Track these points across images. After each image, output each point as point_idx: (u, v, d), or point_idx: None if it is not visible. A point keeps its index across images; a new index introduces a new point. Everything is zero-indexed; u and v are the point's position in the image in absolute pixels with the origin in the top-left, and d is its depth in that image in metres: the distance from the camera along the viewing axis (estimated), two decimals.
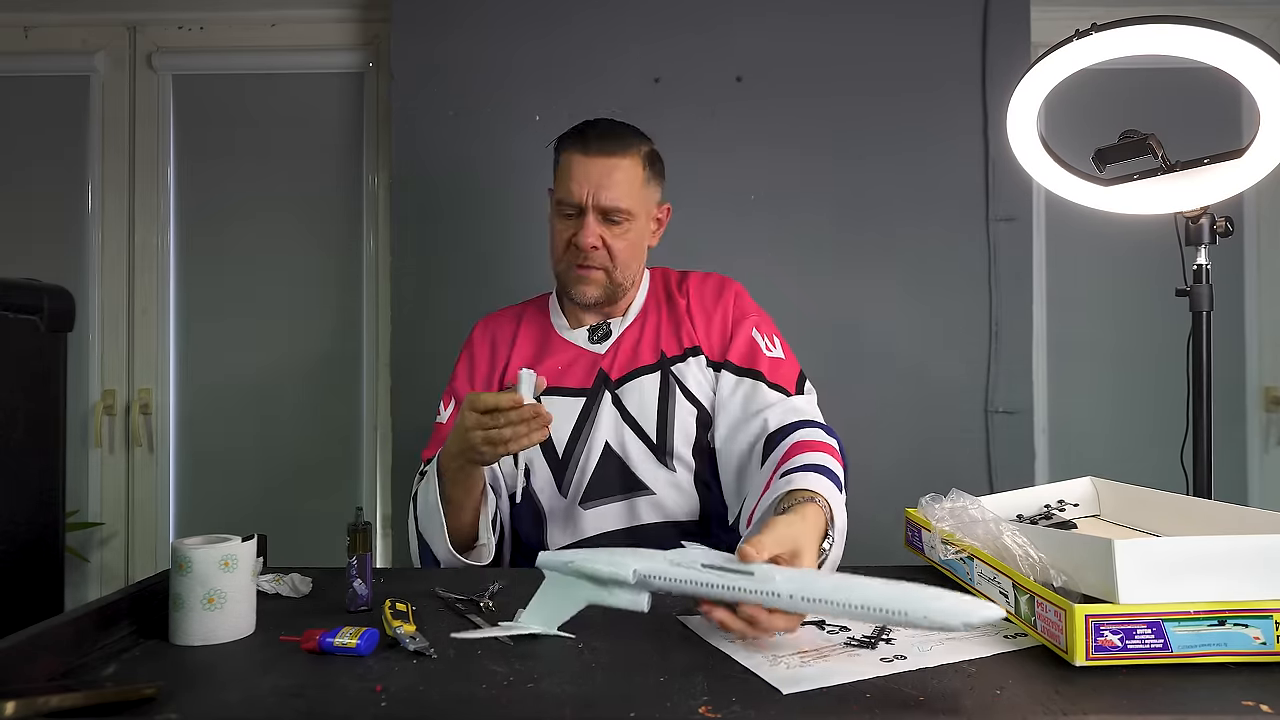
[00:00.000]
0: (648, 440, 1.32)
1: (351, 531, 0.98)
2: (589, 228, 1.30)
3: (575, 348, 1.39)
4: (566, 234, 1.33)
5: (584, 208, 1.30)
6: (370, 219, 2.30)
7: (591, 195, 1.29)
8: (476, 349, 1.44)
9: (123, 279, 2.32)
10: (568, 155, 1.32)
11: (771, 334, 1.38)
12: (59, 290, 1.18)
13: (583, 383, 1.35)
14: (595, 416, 1.33)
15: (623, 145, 1.31)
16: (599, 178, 1.29)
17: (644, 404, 1.33)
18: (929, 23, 2.09)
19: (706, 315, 1.39)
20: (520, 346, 1.41)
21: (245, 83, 2.32)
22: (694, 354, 1.36)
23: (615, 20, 2.09)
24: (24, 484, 1.12)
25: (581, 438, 1.33)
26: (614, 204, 1.30)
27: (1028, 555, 0.88)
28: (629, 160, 1.31)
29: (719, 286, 1.43)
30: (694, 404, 1.34)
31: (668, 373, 1.35)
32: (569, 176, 1.31)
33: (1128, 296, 2.24)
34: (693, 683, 0.75)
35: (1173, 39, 1.15)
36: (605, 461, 1.31)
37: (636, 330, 1.40)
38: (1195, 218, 1.31)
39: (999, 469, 2.05)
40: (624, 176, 1.30)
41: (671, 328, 1.39)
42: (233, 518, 2.23)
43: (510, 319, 1.46)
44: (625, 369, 1.36)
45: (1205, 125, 2.11)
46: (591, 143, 1.30)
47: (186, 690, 0.75)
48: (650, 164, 1.36)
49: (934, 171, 2.08)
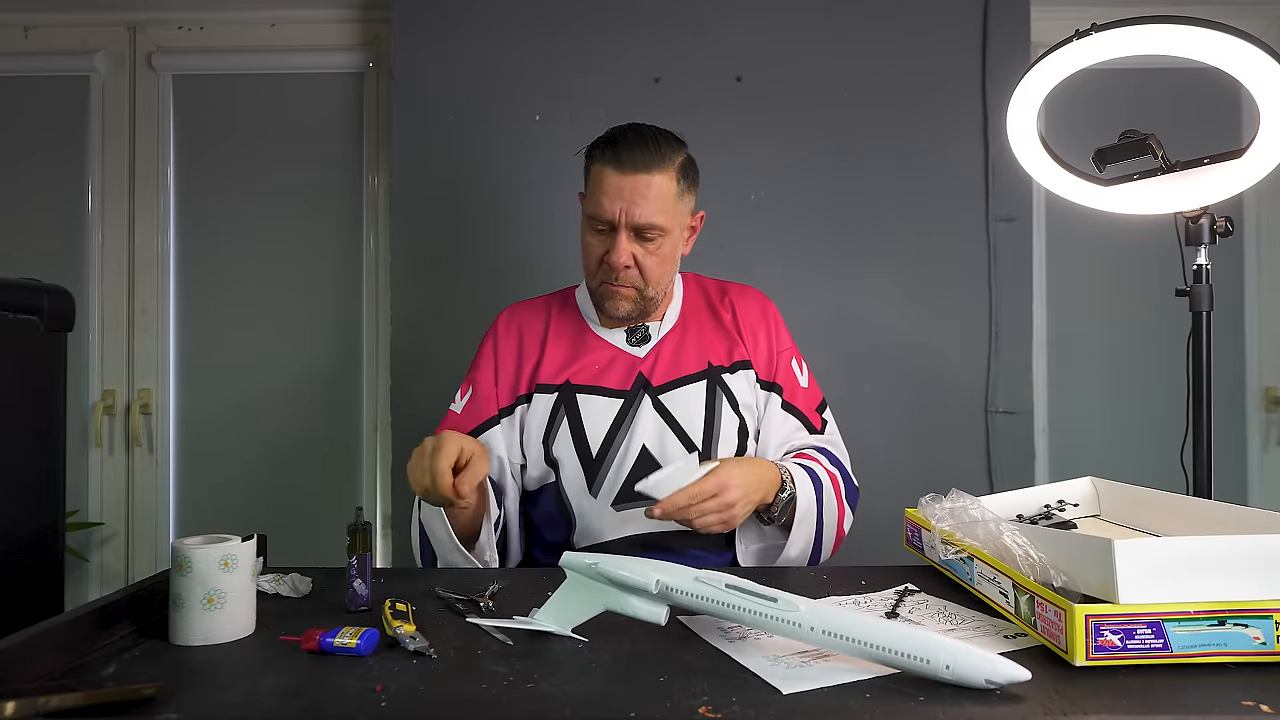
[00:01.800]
0: (692, 446, 1.32)
1: (351, 531, 0.98)
2: (620, 247, 1.27)
3: (613, 348, 1.38)
4: (598, 250, 1.30)
5: (616, 225, 1.26)
6: (370, 219, 2.30)
7: (624, 213, 1.26)
8: (502, 340, 1.41)
9: (123, 279, 2.32)
10: (600, 169, 1.28)
11: (800, 360, 1.45)
12: (59, 290, 1.18)
13: (621, 384, 1.34)
14: (634, 419, 1.32)
15: (658, 160, 1.26)
16: (632, 195, 1.25)
17: (690, 410, 1.33)
18: (929, 22, 2.09)
19: (754, 334, 1.41)
20: (554, 343, 1.39)
21: (245, 83, 2.32)
22: (744, 367, 1.38)
23: (615, 20, 2.09)
24: (24, 484, 1.12)
25: (618, 439, 1.32)
26: (647, 221, 1.26)
27: (1028, 555, 0.88)
28: (663, 176, 1.27)
29: (761, 306, 1.45)
30: (738, 415, 1.35)
31: (716, 382, 1.35)
32: (601, 191, 1.27)
33: (1128, 296, 2.24)
34: (693, 683, 0.75)
35: (1173, 39, 1.15)
36: (641, 465, 1.30)
37: (677, 336, 1.39)
38: (1195, 218, 1.31)
39: (999, 469, 2.06)
40: (657, 193, 1.26)
41: (720, 339, 1.39)
42: (233, 518, 2.23)
43: (539, 311, 1.43)
44: (668, 375, 1.35)
45: (1205, 125, 2.11)
46: (624, 157, 1.25)
47: (186, 690, 0.75)
48: (684, 175, 1.31)
49: (934, 171, 2.08)
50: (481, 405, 1.36)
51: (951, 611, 0.95)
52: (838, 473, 1.35)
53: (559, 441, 1.32)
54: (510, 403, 1.36)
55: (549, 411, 1.33)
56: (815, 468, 1.32)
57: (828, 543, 1.31)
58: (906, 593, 1.03)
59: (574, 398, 1.33)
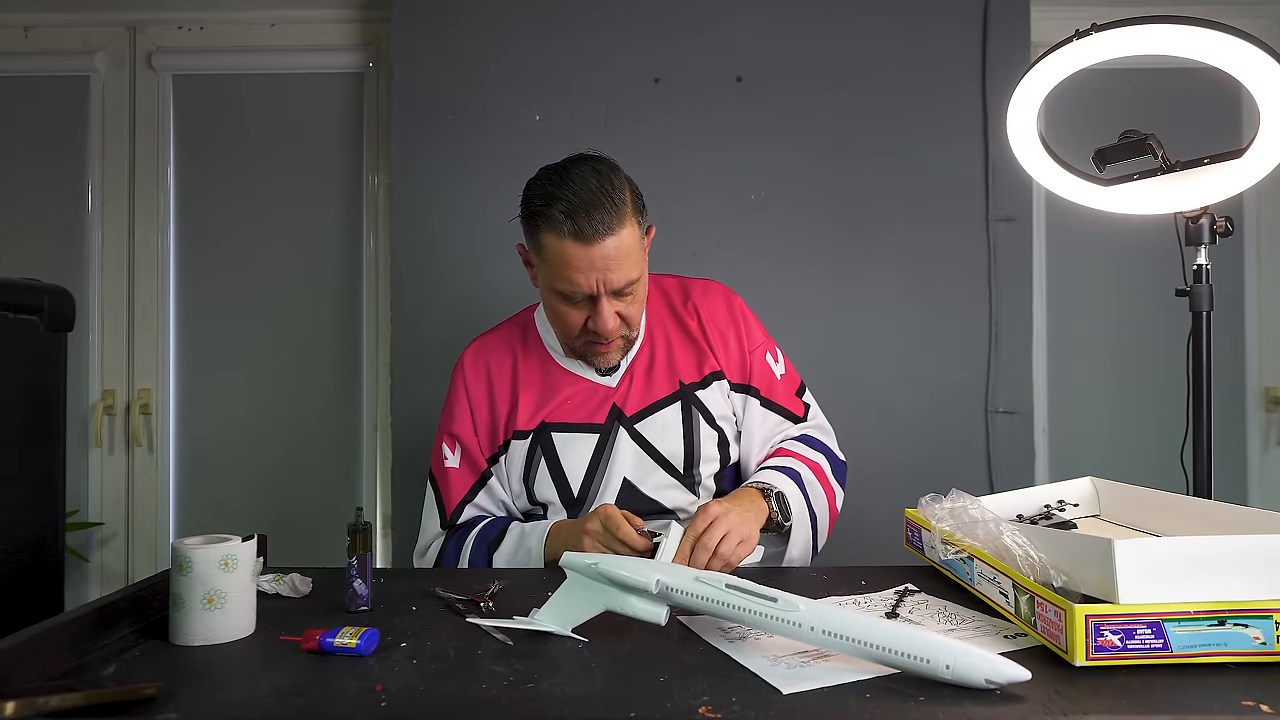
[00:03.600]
0: (674, 471, 1.31)
1: (351, 531, 0.98)
2: (604, 314, 1.20)
3: (583, 381, 1.34)
4: (576, 318, 1.23)
5: (596, 296, 1.20)
6: (370, 219, 2.30)
7: (602, 283, 1.18)
8: (472, 387, 1.36)
9: (123, 279, 2.32)
10: (558, 243, 1.17)
11: (774, 350, 1.41)
12: (59, 290, 1.17)
13: (593, 417, 1.32)
14: (611, 453, 1.30)
15: (617, 214, 1.17)
16: (604, 264, 1.17)
17: (667, 435, 1.31)
18: (929, 22, 2.09)
19: (722, 337, 1.37)
20: (524, 387, 1.34)
21: (245, 83, 2.32)
22: (716, 378, 1.35)
23: (615, 20, 2.09)
24: (24, 484, 1.12)
25: (598, 475, 1.30)
26: (625, 281, 1.20)
27: (1028, 555, 0.88)
28: (626, 228, 1.18)
29: (726, 303, 1.40)
30: (715, 428, 1.34)
31: (690, 401, 1.33)
32: (569, 268, 1.18)
33: (1128, 296, 2.24)
34: (693, 683, 0.75)
35: (1173, 39, 1.15)
36: (624, 496, 1.30)
37: (646, 358, 1.35)
38: (1195, 218, 1.30)
39: (999, 469, 2.05)
40: (627, 250, 1.18)
41: (688, 353, 1.36)
42: (233, 518, 2.23)
43: (503, 349, 1.38)
44: (642, 402, 1.32)
45: (1205, 125, 2.11)
46: (584, 227, 1.15)
47: (186, 690, 0.75)
48: (637, 207, 1.22)
49: (934, 171, 2.08)
50: (474, 459, 1.35)
51: (951, 611, 0.95)
52: (820, 457, 1.35)
53: (539, 482, 1.31)
54: (493, 452, 1.35)
55: (525, 455, 1.32)
56: (791, 464, 1.32)
57: (823, 531, 1.32)
58: (906, 593, 1.03)
59: (550, 438, 1.31)
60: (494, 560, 1.27)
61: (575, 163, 1.22)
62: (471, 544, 1.29)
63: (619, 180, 1.21)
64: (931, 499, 1.10)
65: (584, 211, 1.15)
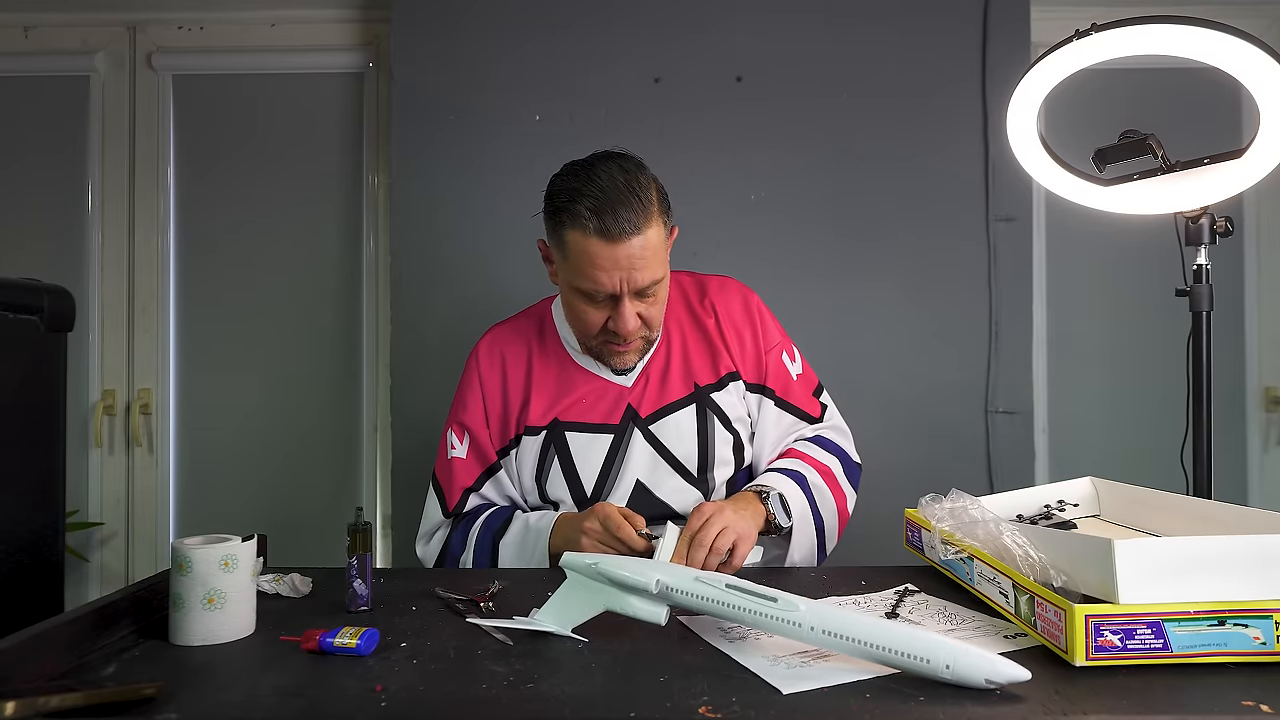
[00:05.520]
0: (687, 474, 1.30)
1: (351, 531, 0.98)
2: (627, 314, 1.19)
3: (599, 380, 1.33)
4: (597, 317, 1.22)
5: (619, 295, 1.18)
6: (370, 219, 2.30)
7: (625, 282, 1.17)
8: (486, 377, 1.35)
9: (123, 279, 2.32)
10: (583, 240, 1.15)
11: (791, 349, 1.40)
12: (59, 290, 1.18)
13: (608, 418, 1.31)
14: (625, 454, 1.29)
15: (644, 213, 1.15)
16: (629, 263, 1.15)
17: (682, 439, 1.30)
18: (929, 23, 2.09)
19: (739, 336, 1.35)
20: (539, 382, 1.33)
21: (245, 83, 2.32)
22: (732, 379, 1.34)
23: (615, 20, 2.09)
24: (24, 484, 1.12)
25: (611, 476, 1.29)
26: (649, 280, 1.18)
27: (1028, 555, 0.88)
28: (653, 227, 1.16)
29: (743, 302, 1.38)
30: (730, 431, 1.33)
31: (705, 404, 1.32)
32: (593, 266, 1.16)
33: (1128, 296, 2.24)
34: (693, 683, 0.75)
35: (1173, 39, 1.15)
36: (636, 497, 1.29)
37: (663, 358, 1.34)
38: (1195, 218, 1.30)
39: (999, 469, 2.05)
40: (652, 249, 1.17)
41: (703, 352, 1.34)
42: (233, 518, 2.23)
43: (519, 342, 1.36)
44: (657, 404, 1.31)
45: (1205, 125, 2.11)
46: (610, 225, 1.13)
47: (186, 690, 0.75)
48: (663, 207, 1.21)
49: (934, 171, 2.08)
50: (483, 450, 1.34)
51: (951, 611, 0.95)
52: (832, 459, 1.34)
53: (552, 481, 1.31)
54: (503, 445, 1.34)
55: (538, 452, 1.31)
56: (797, 466, 1.31)
57: (831, 533, 1.31)
58: (906, 593, 1.03)
59: (563, 436, 1.30)
60: (500, 548, 1.27)
61: (601, 159, 1.21)
62: (477, 533, 1.29)
63: (645, 178, 1.20)
64: (931, 499, 1.10)
65: (610, 209, 1.14)
